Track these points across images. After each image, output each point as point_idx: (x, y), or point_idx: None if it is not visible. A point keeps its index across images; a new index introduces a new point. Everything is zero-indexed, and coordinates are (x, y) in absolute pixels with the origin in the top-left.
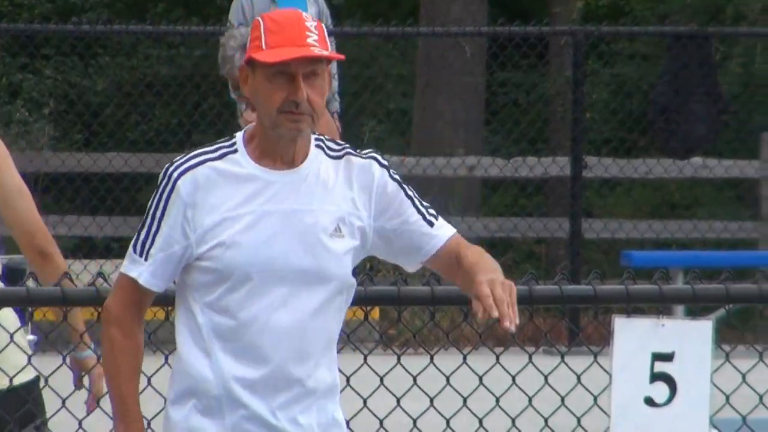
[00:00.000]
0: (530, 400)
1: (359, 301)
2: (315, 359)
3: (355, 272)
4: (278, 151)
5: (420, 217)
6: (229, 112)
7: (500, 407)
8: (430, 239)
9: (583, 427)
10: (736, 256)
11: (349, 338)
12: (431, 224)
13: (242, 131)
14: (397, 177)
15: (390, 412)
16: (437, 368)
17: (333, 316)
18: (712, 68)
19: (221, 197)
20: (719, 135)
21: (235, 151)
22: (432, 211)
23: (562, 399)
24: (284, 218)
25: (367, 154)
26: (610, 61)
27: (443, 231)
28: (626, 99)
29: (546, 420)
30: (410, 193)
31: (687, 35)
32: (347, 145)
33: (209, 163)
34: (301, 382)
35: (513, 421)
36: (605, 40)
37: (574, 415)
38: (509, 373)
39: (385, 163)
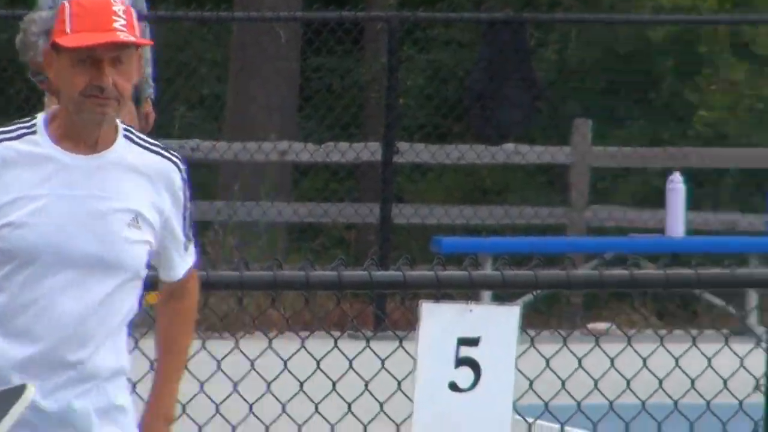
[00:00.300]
0: (334, 384)
1: None
2: (96, 344)
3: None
4: (82, 135)
5: (185, 239)
6: (36, 96)
7: (304, 392)
8: (181, 261)
9: (385, 413)
10: (545, 242)
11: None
12: (186, 248)
13: (44, 112)
14: (187, 193)
15: (193, 397)
16: (242, 353)
17: (122, 302)
18: (527, 54)
19: (16, 177)
20: (532, 121)
21: (34, 132)
22: (191, 234)
23: (366, 384)
24: (78, 203)
25: (175, 158)
26: (425, 47)
27: (189, 259)
28: (442, 85)
29: (349, 405)
30: (187, 214)
31: (502, 21)
32: (159, 144)
33: (6, 143)
34: (78, 366)
35: (316, 406)
36: (421, 26)
37: (377, 400)
38: (314, 358)
39: (185, 176)
